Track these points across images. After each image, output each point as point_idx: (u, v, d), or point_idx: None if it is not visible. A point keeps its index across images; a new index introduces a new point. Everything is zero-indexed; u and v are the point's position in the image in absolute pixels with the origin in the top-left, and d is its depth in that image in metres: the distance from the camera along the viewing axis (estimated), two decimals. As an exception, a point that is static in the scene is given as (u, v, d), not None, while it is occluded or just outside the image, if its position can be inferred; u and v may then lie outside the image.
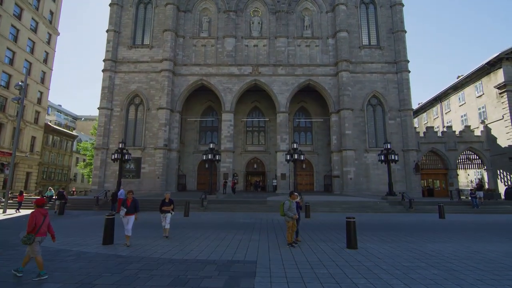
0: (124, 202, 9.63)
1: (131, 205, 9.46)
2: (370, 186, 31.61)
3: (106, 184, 31.22)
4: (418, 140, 32.50)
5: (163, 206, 10.71)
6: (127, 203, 9.50)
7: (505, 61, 29.15)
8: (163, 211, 10.67)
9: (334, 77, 33.58)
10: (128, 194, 9.77)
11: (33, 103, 37.84)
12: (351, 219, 8.68)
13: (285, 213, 9.04)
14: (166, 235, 10.51)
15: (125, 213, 9.38)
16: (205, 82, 33.96)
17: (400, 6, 34.51)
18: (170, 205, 10.78)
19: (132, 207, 9.45)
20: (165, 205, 10.72)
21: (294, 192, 10.14)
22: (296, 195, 9.86)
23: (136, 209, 9.55)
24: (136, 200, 9.66)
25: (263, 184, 39.49)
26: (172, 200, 11.02)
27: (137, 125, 33.10)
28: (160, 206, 10.80)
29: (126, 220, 9.37)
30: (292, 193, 9.75)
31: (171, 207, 10.80)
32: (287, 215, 9.01)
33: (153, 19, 34.97)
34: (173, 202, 11.01)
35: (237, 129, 37.42)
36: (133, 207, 9.46)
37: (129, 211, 9.39)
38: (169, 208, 10.70)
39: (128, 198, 9.63)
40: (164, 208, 10.68)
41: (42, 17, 39.29)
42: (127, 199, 9.61)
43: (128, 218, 9.37)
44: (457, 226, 14.29)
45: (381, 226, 13.82)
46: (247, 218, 16.49)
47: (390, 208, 20.96)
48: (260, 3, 36.35)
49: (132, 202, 9.49)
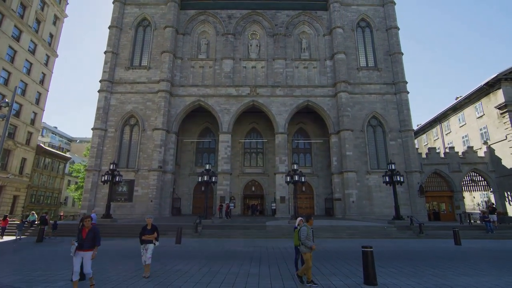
0: (79, 233, 6.94)
1: (88, 236, 6.80)
2: (373, 210, 30.22)
3: (96, 208, 29.53)
4: (421, 161, 31.63)
5: (144, 234, 8.49)
6: (81, 234, 6.81)
7: (504, 81, 29.09)
8: (144, 241, 8.41)
9: (332, 98, 33.29)
10: (86, 221, 7.02)
11: (26, 124, 36.94)
12: (367, 249, 7.43)
13: (302, 242, 7.40)
14: (146, 276, 8.25)
15: (77, 248, 6.63)
16: (202, 103, 33.48)
17: (396, 30, 35.08)
18: (153, 232, 8.57)
19: (90, 240, 6.80)
20: (146, 233, 8.50)
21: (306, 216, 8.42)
22: (302, 219, 8.64)
23: (95, 242, 6.89)
24: (96, 230, 7.04)
25: (261, 208, 37.86)
26: (156, 226, 8.78)
27: (132, 146, 32.09)
28: (140, 235, 8.51)
29: (78, 259, 6.64)
30: (310, 218, 8.09)
31: (154, 235, 8.56)
32: (305, 244, 7.38)
33: (152, 41, 35.14)
34: (157, 229, 8.77)
35: (235, 150, 36.49)
36: (90, 239, 6.82)
37: (84, 245, 6.71)
38: (151, 237, 8.48)
39: (85, 226, 6.94)
40: (145, 238, 8.43)
41: (41, 40, 39.50)
42: (84, 228, 6.90)
43: (82, 256, 6.67)
44: (480, 254, 12.97)
45: (396, 255, 12.46)
46: (245, 246, 15.05)
47: (399, 233, 19.55)
48: (258, 27, 36.89)
49: (90, 232, 6.87)
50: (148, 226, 8.68)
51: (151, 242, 8.48)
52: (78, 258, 6.67)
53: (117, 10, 35.37)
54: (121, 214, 28.94)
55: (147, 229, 8.63)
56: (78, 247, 6.68)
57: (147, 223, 8.72)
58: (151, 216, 8.99)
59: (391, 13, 35.70)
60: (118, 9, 35.41)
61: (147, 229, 8.63)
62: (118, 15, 35.25)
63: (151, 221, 8.79)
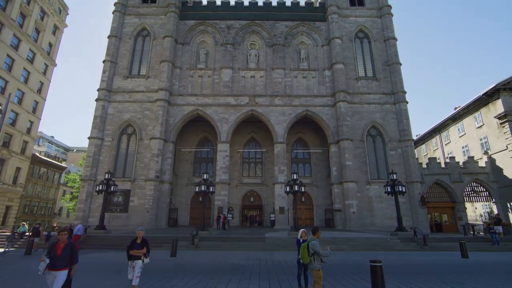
0: (51, 248, 5.96)
1: (64, 253, 5.85)
2: (374, 221, 29.60)
3: (91, 218, 28.76)
4: (421, 172, 31.24)
5: (132, 248, 7.45)
6: (55, 250, 5.87)
7: (503, 91, 29.12)
8: (131, 257, 7.39)
9: (332, 108, 33.16)
10: (61, 235, 6.08)
11: (21, 133, 36.44)
12: (376, 264, 6.90)
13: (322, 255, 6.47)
14: None
15: (49, 267, 5.70)
16: (201, 112, 33.23)
17: (394, 40, 35.35)
18: (143, 247, 7.54)
19: (65, 258, 5.85)
20: (135, 248, 7.47)
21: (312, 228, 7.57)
22: (304, 231, 8.14)
23: (72, 260, 5.99)
24: (73, 245, 6.13)
25: (260, 219, 37.10)
26: (147, 240, 7.78)
27: (128, 155, 31.57)
28: (128, 249, 7.48)
29: (51, 280, 5.73)
30: (317, 230, 7.39)
31: (144, 250, 7.52)
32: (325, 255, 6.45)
33: (151, 51, 35.15)
34: (148, 243, 7.75)
35: (233, 160, 36.03)
36: (65, 257, 5.87)
37: (57, 263, 5.74)
38: (140, 253, 7.43)
39: (60, 241, 6.00)
40: (133, 253, 7.40)
41: (40, 49, 39.49)
42: (58, 243, 5.97)
43: (55, 277, 5.71)
44: (490, 268, 12.42)
45: (403, 269, 11.88)
46: (244, 259, 14.42)
47: (402, 245, 18.96)
48: (257, 37, 37.10)
49: (66, 248, 5.92)
50: (138, 240, 7.67)
51: (139, 258, 7.44)
52: (50, 279, 5.73)
53: (117, 20, 35.53)
54: (116, 225, 28.14)
55: (136, 242, 7.61)
56: (50, 266, 5.70)
57: (137, 236, 7.74)
58: (142, 228, 8.00)
59: (388, 25, 36.06)
60: (117, 19, 35.57)
61: (136, 242, 7.61)
62: (118, 25, 35.38)
63: (142, 234, 7.81)
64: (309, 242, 6.77)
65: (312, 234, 7.21)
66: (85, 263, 12.85)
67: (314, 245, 6.61)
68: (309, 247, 6.66)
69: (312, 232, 7.27)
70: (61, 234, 6.09)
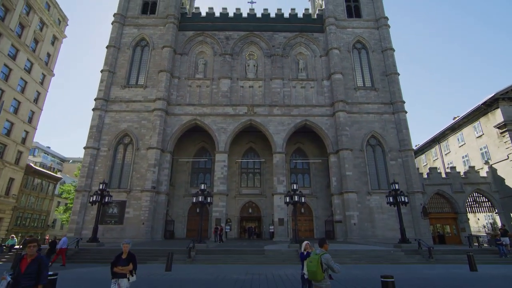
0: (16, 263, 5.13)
1: (29, 269, 4.83)
2: (375, 232, 28.91)
3: (84, 231, 27.87)
4: (422, 182, 30.81)
5: (117, 265, 6.61)
6: (20, 266, 4.88)
7: (502, 101, 29.13)
8: (116, 275, 6.55)
9: (331, 117, 32.98)
10: (29, 247, 4.99)
11: (16, 143, 35.85)
12: (388, 279, 6.36)
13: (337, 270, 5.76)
14: None
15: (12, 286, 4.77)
16: (198, 122, 32.91)
17: (391, 51, 35.59)
18: (128, 263, 6.65)
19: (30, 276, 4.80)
20: (120, 264, 6.62)
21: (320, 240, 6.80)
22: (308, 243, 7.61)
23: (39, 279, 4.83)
24: (41, 261, 5.03)
25: (258, 231, 36.25)
26: (134, 255, 6.89)
27: (125, 166, 30.96)
28: (112, 265, 6.63)
29: None
30: (325, 242, 6.53)
31: (130, 267, 6.64)
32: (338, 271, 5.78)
33: (149, 61, 35.11)
34: (135, 259, 6.87)
35: (231, 171, 35.48)
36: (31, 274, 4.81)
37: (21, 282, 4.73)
38: (125, 270, 6.56)
39: (27, 255, 4.98)
40: (118, 270, 6.55)
41: (38, 59, 39.42)
42: (24, 258, 4.99)
43: None
44: (502, 282, 11.83)
45: (412, 284, 11.25)
46: (243, 273, 13.73)
47: (407, 258, 18.29)
48: (255, 48, 37.28)
49: (32, 264, 4.88)
50: (123, 255, 6.75)
51: (125, 276, 6.56)
52: None
53: (116, 31, 35.61)
54: (110, 238, 27.23)
55: (121, 258, 6.70)
56: (13, 285, 4.73)
57: (123, 250, 6.82)
58: (129, 241, 7.09)
59: (386, 36, 36.41)
60: (116, 30, 35.66)
61: (121, 258, 6.70)
62: (117, 35, 35.44)
63: (128, 247, 6.85)
64: (321, 255, 5.98)
65: (319, 247, 6.53)
66: (71, 278, 12.14)
67: (328, 260, 5.85)
68: (322, 261, 5.87)
69: (319, 244, 6.58)
70: (29, 247, 4.94)
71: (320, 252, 6.14)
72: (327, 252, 6.16)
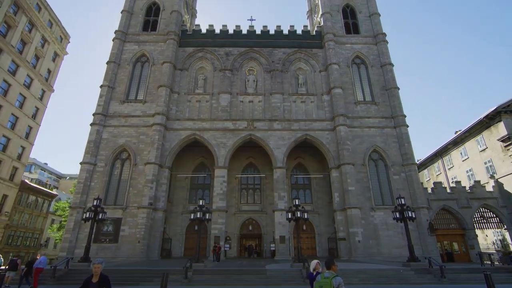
0: None
1: None
2: (381, 250, 27.76)
3: (77, 250, 26.67)
4: (427, 197, 29.99)
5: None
6: None
7: (504, 114, 28.88)
8: None
9: (331, 132, 32.60)
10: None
11: (12, 159, 35.23)
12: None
13: None
14: None
15: None
16: (198, 136, 32.45)
17: (390, 66, 35.77)
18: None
19: None
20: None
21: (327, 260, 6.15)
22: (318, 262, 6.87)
23: None
24: None
25: (259, 249, 34.92)
26: (107, 278, 5.76)
27: (121, 181, 30.17)
28: None
29: None
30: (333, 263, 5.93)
31: None
32: None
33: (149, 76, 35.15)
34: (109, 283, 5.74)
35: (231, 186, 34.66)
36: None
37: None
38: None
39: None
40: None
41: (38, 75, 39.54)
42: None
43: None
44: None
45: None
46: (243, 295, 12.76)
47: (418, 277, 17.23)
48: (255, 63, 37.50)
49: None
50: (93, 278, 5.63)
51: None
52: None
53: (116, 47, 35.88)
54: (104, 257, 25.77)
55: (91, 282, 5.60)
56: None
57: (93, 272, 5.69)
58: (101, 260, 5.96)
59: (384, 51, 36.73)
60: (117, 46, 35.95)
61: (91, 282, 5.60)
62: (117, 51, 35.68)
63: (100, 268, 5.72)
64: (331, 278, 5.43)
65: (326, 268, 5.86)
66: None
67: (341, 284, 5.32)
68: (334, 285, 5.33)
69: (327, 265, 5.89)
70: None
71: (330, 275, 5.55)
72: (334, 274, 5.57)
